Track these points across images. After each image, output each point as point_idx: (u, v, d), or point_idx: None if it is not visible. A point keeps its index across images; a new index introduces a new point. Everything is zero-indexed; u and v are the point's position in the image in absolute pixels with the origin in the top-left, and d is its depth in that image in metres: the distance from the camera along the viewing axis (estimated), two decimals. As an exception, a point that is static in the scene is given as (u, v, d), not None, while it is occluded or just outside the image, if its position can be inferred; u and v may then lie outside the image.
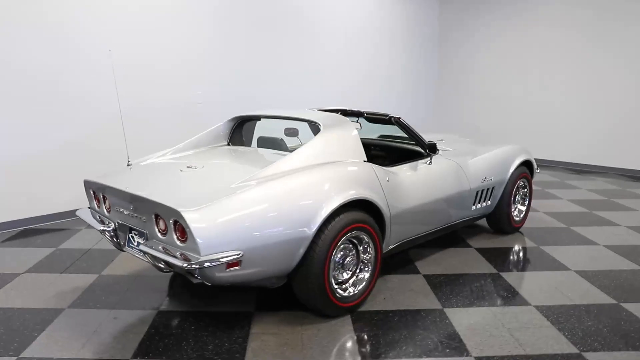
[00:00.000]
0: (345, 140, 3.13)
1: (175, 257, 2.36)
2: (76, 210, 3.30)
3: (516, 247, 4.16)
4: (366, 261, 3.01)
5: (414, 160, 3.58)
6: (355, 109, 3.87)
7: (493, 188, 4.15)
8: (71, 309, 2.98)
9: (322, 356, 2.49)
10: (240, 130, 3.83)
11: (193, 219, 2.31)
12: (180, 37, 5.53)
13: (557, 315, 2.94)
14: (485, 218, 4.41)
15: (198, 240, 2.29)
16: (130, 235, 2.78)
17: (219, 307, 3.02)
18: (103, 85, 4.91)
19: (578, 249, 4.13)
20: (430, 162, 3.63)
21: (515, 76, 8.57)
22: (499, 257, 3.90)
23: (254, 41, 6.28)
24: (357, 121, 3.76)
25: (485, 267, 3.70)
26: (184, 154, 3.48)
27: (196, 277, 2.43)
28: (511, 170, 4.27)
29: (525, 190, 4.60)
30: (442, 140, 4.61)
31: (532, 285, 3.38)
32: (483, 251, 4.05)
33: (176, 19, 5.47)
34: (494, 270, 3.64)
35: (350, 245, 2.93)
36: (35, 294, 3.19)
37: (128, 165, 3.26)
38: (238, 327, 2.78)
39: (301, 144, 3.49)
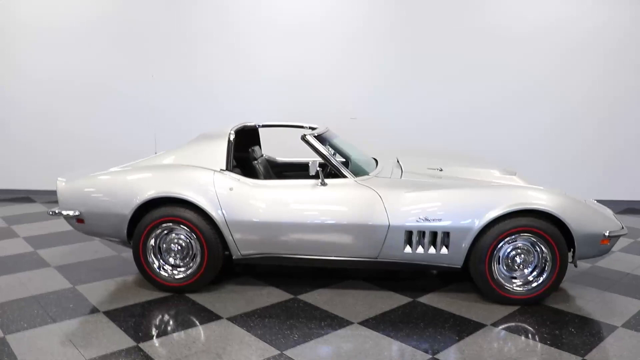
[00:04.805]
0: (209, 149, 3.62)
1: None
2: None
3: (458, 317, 3.13)
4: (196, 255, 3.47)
5: (301, 179, 3.54)
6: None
7: (448, 234, 3.25)
8: (86, 241, 4.69)
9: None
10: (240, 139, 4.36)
11: (59, 185, 3.63)
12: (349, 53, 6.37)
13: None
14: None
15: (58, 198, 3.59)
16: None
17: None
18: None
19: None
20: (323, 183, 3.39)
21: None
22: (427, 324, 3.14)
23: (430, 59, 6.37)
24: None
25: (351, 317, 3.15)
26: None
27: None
28: (490, 216, 3.17)
29: (545, 253, 3.21)
30: (440, 169, 3.81)
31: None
32: (414, 306, 3.30)
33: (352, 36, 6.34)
34: (354, 321, 3.07)
35: (183, 238, 3.48)
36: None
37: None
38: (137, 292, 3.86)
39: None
